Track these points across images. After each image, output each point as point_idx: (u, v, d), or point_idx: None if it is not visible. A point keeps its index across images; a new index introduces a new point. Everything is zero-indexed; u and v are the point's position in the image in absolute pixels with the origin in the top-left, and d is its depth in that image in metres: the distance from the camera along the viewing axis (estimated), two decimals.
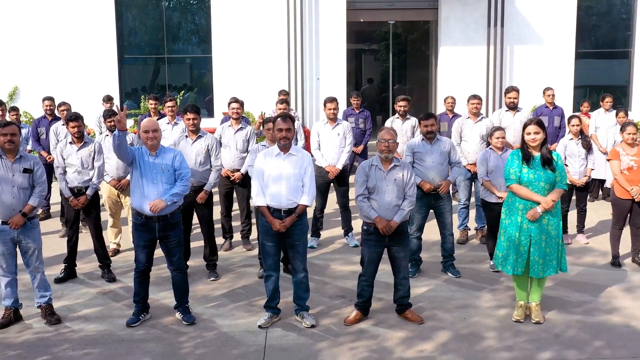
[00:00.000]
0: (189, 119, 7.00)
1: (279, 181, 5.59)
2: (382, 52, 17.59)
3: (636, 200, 7.12)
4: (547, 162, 5.53)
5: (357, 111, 10.58)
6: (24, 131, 9.48)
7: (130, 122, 13.12)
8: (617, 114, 9.87)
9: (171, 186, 5.66)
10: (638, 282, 6.75)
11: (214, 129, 10.24)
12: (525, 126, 5.65)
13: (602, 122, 10.47)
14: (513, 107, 9.16)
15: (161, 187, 5.62)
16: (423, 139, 6.97)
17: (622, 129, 7.31)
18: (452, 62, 14.29)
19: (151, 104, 9.70)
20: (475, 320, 5.84)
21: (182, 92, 14.19)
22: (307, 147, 11.73)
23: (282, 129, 5.54)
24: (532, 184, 5.52)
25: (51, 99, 9.67)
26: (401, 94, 17.22)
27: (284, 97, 10.37)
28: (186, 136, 7.09)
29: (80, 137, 6.96)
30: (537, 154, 5.59)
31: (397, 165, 5.67)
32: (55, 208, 9.87)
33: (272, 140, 6.64)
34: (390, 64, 16.36)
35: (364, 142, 10.49)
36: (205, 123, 13.20)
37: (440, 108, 13.73)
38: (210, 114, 14.28)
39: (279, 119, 5.60)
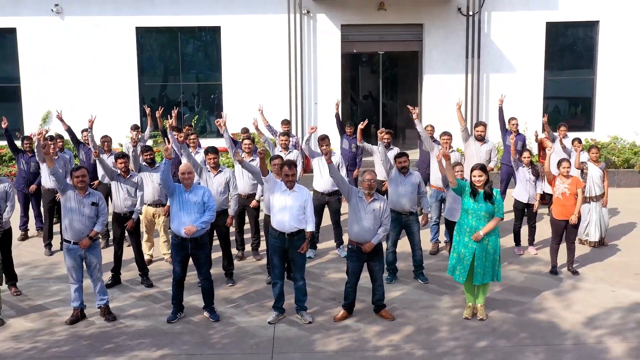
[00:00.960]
0: (210, 159, 8.69)
1: (284, 211, 7.26)
2: (374, 78, 19.17)
3: (571, 223, 8.81)
4: (488, 197, 7.21)
5: (351, 137, 12.24)
6: (66, 156, 11.11)
7: (149, 142, 14.76)
8: (572, 142, 11.50)
9: (201, 215, 7.32)
10: (567, 287, 8.43)
11: (224, 148, 12.03)
12: (472, 170, 7.33)
13: (558, 148, 12.10)
14: (480, 138, 10.86)
15: (193, 216, 7.28)
16: (398, 172, 8.66)
17: (558, 164, 8.99)
18: (435, 88, 15.96)
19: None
20: (434, 317, 7.51)
21: (196, 116, 15.87)
22: (306, 163, 13.43)
23: (288, 174, 7.22)
24: (476, 212, 7.18)
25: (87, 130, 11.28)
26: (392, 110, 19.01)
27: (286, 129, 12.02)
28: (208, 171, 8.76)
29: (127, 171, 8.63)
30: (481, 191, 7.26)
31: (376, 199, 7.33)
32: None
33: (278, 173, 8.31)
34: (381, 90, 18.02)
35: (358, 167, 12.17)
36: (215, 142, 14.96)
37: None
38: (220, 134, 15.88)
39: (285, 166, 7.27)
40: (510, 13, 15.78)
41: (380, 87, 17.99)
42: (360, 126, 10.73)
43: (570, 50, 16.38)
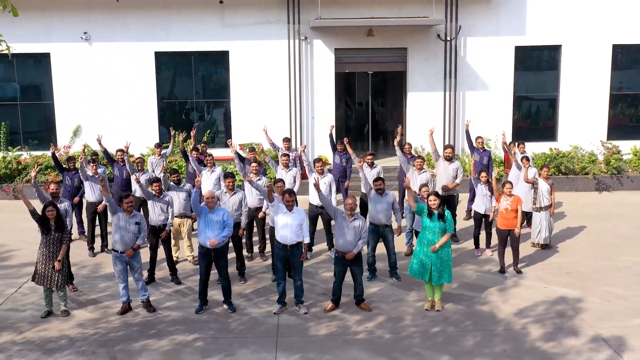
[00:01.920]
0: (228, 182, 10.69)
1: (286, 228, 9.28)
2: (365, 90, 21.09)
3: (516, 234, 10.83)
4: (441, 217, 9.23)
5: (342, 153, 14.23)
6: (99, 171, 13.06)
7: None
8: (521, 160, 13.46)
9: (221, 231, 9.34)
10: (510, 284, 10.47)
11: (231, 157, 13.95)
12: (428, 195, 9.35)
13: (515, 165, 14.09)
14: (448, 159, 12.84)
15: (216, 231, 9.30)
16: (376, 192, 10.67)
17: (503, 185, 11.00)
18: (418, 105, 17.94)
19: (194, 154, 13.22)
20: (402, 309, 9.56)
21: (208, 130, 17.87)
22: (303, 171, 15.41)
23: (288, 200, 9.24)
24: (432, 229, 9.20)
25: (122, 150, 13.25)
26: (383, 117, 20.93)
27: (287, 146, 14.03)
28: (225, 192, 10.78)
29: (160, 192, 10.63)
30: (435, 212, 9.28)
31: (356, 219, 9.34)
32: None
33: (281, 193, 10.32)
34: (370, 104, 19.98)
35: (348, 178, 14.17)
36: (222, 151, 16.95)
37: (409, 140, 17.51)
38: (226, 145, 17.89)
39: (286, 194, 9.28)
40: (483, 38, 17.71)
41: (370, 97, 19.94)
42: (345, 141, 12.97)
43: (536, 71, 18.34)
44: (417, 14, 17.40)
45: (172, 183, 11.34)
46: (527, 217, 13.32)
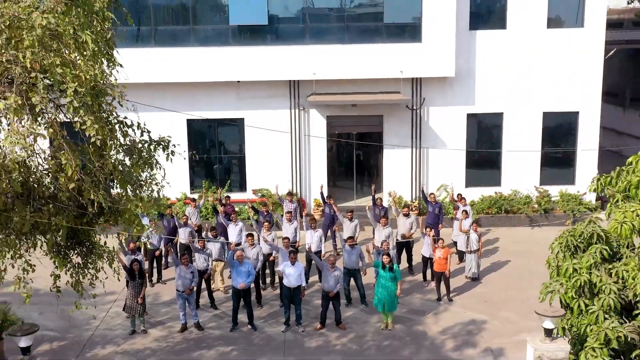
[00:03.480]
0: (249, 239, 15.20)
1: (290, 276, 13.79)
2: (349, 151, 25.48)
3: (446, 275, 15.32)
4: (391, 269, 13.75)
5: (331, 204, 18.70)
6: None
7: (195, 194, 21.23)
8: (462, 212, 17.91)
9: (247, 277, 13.84)
10: (441, 310, 14.95)
11: (245, 199, 18.41)
12: (382, 254, 13.88)
13: (459, 215, 18.52)
14: (406, 215, 17.35)
15: (244, 277, 13.81)
16: (349, 246, 15.18)
17: (437, 241, 15.49)
18: (392, 160, 22.40)
19: (221, 210, 17.73)
20: (366, 328, 14.06)
21: (229, 181, 22.42)
22: (302, 211, 19.89)
23: (292, 258, 13.76)
24: (385, 276, 13.69)
25: (169, 207, 17.72)
26: (366, 156, 25.40)
27: (289, 199, 18.55)
28: (247, 246, 15.28)
29: (204, 247, 15.13)
30: (387, 265, 13.79)
31: (336, 269, 13.85)
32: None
33: (286, 246, 14.87)
34: (354, 158, 24.41)
35: (335, 224, 18.65)
36: (239, 195, 21.40)
37: (386, 189, 22.06)
38: (241, 189, 22.38)
39: (291, 254, 13.81)
40: (442, 107, 22.13)
41: (354, 157, 24.38)
42: (331, 201, 17.54)
43: (484, 133, 22.83)
44: (390, 89, 21.82)
45: (210, 236, 15.89)
46: (463, 256, 17.80)
